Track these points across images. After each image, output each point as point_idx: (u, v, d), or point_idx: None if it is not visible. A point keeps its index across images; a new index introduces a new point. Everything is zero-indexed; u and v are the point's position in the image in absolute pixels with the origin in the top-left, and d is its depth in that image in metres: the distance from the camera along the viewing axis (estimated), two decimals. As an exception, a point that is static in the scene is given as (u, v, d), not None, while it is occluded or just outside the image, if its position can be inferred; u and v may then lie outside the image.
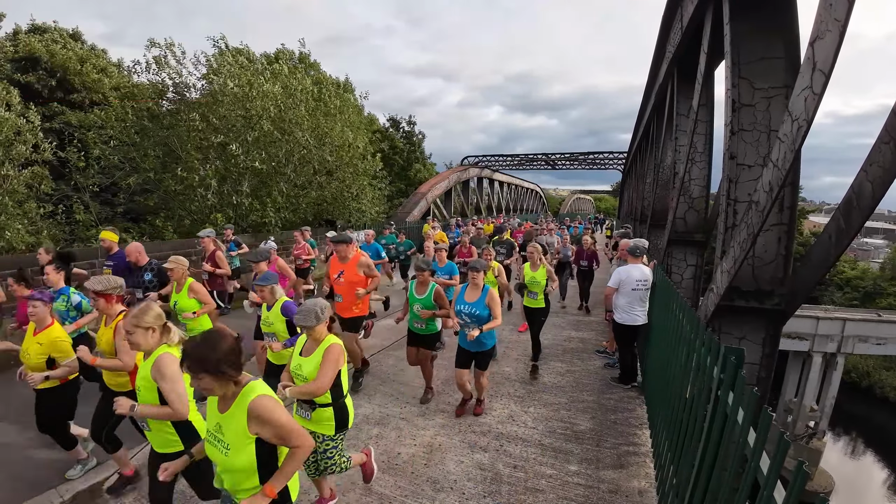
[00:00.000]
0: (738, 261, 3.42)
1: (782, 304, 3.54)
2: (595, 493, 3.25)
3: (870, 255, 40.31)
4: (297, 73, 13.71)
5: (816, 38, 2.58)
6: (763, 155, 3.80)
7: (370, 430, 4.10)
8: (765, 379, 3.66)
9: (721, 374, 1.97)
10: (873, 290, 27.09)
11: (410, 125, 30.91)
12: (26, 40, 15.87)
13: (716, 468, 1.88)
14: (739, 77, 3.94)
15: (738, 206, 3.91)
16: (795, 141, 2.81)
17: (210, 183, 11.06)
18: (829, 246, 2.85)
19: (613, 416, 4.47)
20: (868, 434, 20.32)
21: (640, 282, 4.89)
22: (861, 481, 17.20)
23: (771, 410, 1.50)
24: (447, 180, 24.07)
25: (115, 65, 18.35)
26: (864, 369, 23.48)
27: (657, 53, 10.21)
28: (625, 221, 20.77)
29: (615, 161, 35.18)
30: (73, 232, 12.36)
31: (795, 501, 1.19)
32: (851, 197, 2.58)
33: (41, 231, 10.37)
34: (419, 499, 3.17)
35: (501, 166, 37.76)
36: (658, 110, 11.89)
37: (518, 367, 5.74)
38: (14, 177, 9.38)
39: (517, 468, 3.56)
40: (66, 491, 3.27)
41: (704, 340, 2.34)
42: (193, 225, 11.67)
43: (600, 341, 6.74)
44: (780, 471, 1.34)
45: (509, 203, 37.15)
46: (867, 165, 2.44)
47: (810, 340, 16.14)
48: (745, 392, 1.66)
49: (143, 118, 11.81)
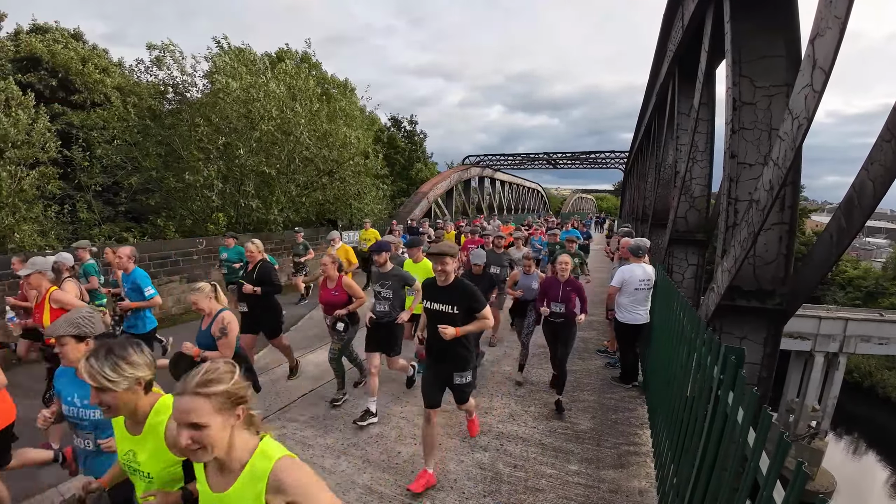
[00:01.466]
0: (739, 260, 3.41)
1: (783, 304, 3.53)
2: (595, 493, 3.24)
3: (872, 255, 40.21)
4: (301, 73, 13.70)
5: (817, 35, 2.57)
6: (764, 154, 3.79)
7: (370, 430, 4.10)
8: (766, 379, 3.65)
9: (721, 373, 1.96)
10: (875, 290, 27.00)
11: (412, 124, 30.90)
12: (28, 40, 15.88)
13: (716, 468, 1.88)
14: (740, 75, 3.93)
15: (739, 205, 3.90)
16: (796, 139, 2.80)
17: (214, 183, 11.07)
18: (831, 245, 2.84)
19: (614, 415, 4.47)
20: (870, 434, 20.25)
21: (643, 281, 4.88)
22: (863, 481, 17.14)
23: (771, 410, 1.49)
24: (449, 180, 24.06)
25: (117, 65, 18.37)
26: (867, 369, 23.40)
27: (658, 52, 10.19)
28: (626, 221, 20.74)
29: (617, 160, 35.17)
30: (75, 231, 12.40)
31: (795, 502, 1.19)
32: (853, 195, 2.57)
33: (49, 232, 10.43)
34: (419, 498, 3.17)
35: (503, 166, 37.76)
36: (659, 109, 11.87)
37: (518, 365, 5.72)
38: (24, 177, 9.46)
39: (517, 467, 3.55)
40: (67, 490, 3.28)
41: (705, 340, 2.33)
42: (195, 224, 11.70)
43: (601, 341, 6.73)
44: (779, 471, 1.33)
45: (511, 202, 37.11)
46: (868, 164, 2.43)
47: (812, 340, 16.10)
48: (745, 392, 1.65)
49: (144, 117, 11.83)
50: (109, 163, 12.06)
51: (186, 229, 11.75)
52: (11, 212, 9.16)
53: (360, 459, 3.61)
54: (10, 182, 9.18)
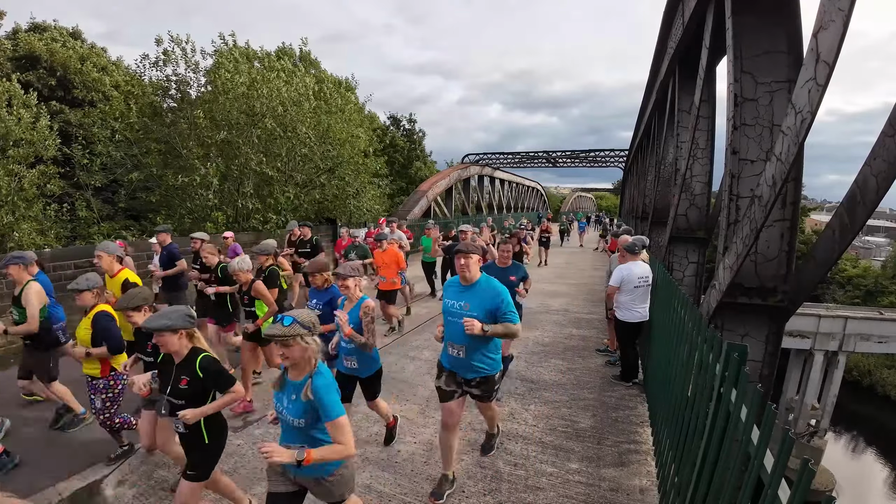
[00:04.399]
0: (741, 257, 3.39)
1: (785, 301, 3.51)
2: (596, 492, 3.22)
3: (871, 254, 40.23)
4: (299, 70, 13.65)
5: (820, 28, 2.54)
6: (766, 150, 3.77)
7: (370, 428, 4.08)
8: (768, 377, 3.64)
9: (724, 370, 1.94)
10: (875, 289, 27.00)
11: (411, 123, 30.90)
12: (26, 39, 15.86)
13: (718, 466, 1.86)
14: (742, 71, 3.90)
15: (741, 202, 3.88)
16: (799, 134, 2.78)
17: (211, 182, 11.02)
18: (833, 242, 2.82)
19: (614, 413, 4.45)
20: (869, 432, 20.27)
21: (642, 279, 4.86)
22: (862, 480, 17.15)
23: (774, 408, 1.47)
24: (448, 178, 24.01)
25: (115, 63, 18.32)
26: (866, 368, 23.43)
27: (658, 50, 10.16)
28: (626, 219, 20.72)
29: (616, 158, 35.17)
30: (74, 229, 12.39)
31: (801, 500, 1.17)
32: (855, 192, 2.55)
33: (48, 230, 10.43)
34: (419, 497, 3.15)
35: (502, 164, 37.74)
36: (659, 107, 11.84)
37: (518, 364, 5.71)
38: (24, 176, 9.46)
39: (517, 466, 3.53)
40: (65, 489, 3.25)
41: (707, 337, 2.31)
42: (194, 223, 11.66)
43: (602, 339, 6.71)
44: (784, 468, 1.31)
45: (510, 201, 37.08)
46: (871, 160, 2.41)
47: (812, 338, 16.09)
48: (748, 389, 1.63)
49: (145, 114, 11.78)
50: (109, 161, 12.02)
51: (185, 228, 11.72)
52: (11, 210, 9.15)
53: (360, 458, 3.59)
54: (10, 181, 9.17)
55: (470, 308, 2.91)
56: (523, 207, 41.34)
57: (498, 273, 4.14)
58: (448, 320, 3.03)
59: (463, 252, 2.95)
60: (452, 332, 2.98)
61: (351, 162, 13.93)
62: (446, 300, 3.09)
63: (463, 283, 3.02)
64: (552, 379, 5.29)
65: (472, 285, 2.99)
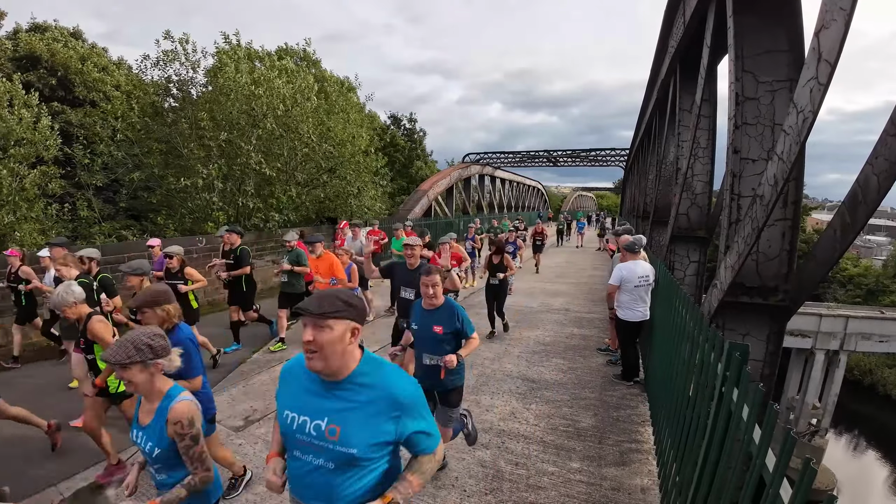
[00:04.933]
0: (742, 256, 3.39)
1: (787, 301, 3.50)
2: (597, 491, 3.22)
3: (872, 252, 40.19)
4: (301, 70, 13.65)
5: (822, 27, 2.54)
6: (767, 149, 3.76)
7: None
8: (769, 376, 3.63)
9: (725, 370, 1.94)
10: (876, 288, 27.00)
11: (411, 122, 30.89)
12: (27, 39, 15.86)
13: (720, 465, 1.86)
14: (743, 70, 3.89)
15: (742, 201, 3.87)
16: (801, 133, 2.77)
17: (214, 183, 11.01)
18: (834, 241, 2.81)
19: (616, 413, 4.45)
20: (870, 432, 20.27)
21: (643, 278, 4.86)
22: (863, 479, 17.15)
23: (776, 407, 1.47)
24: (449, 178, 24.00)
25: (116, 63, 18.33)
26: (867, 367, 23.43)
27: (659, 49, 10.13)
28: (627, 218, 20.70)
29: (617, 158, 35.11)
30: (75, 229, 12.41)
31: (803, 499, 1.16)
32: (857, 191, 2.54)
33: (50, 230, 10.44)
34: (419, 496, 3.15)
35: (503, 163, 37.68)
36: (660, 106, 11.82)
37: (520, 363, 5.72)
38: (25, 176, 9.48)
39: (519, 465, 3.53)
40: (67, 489, 3.26)
41: (708, 336, 2.31)
42: (195, 223, 11.66)
43: (602, 338, 6.71)
44: (786, 468, 1.31)
45: (511, 200, 37.07)
46: (873, 158, 2.40)
47: (813, 338, 16.09)
48: (749, 388, 1.63)
49: (146, 114, 11.78)
50: (110, 160, 12.03)
51: (186, 227, 11.73)
52: (12, 210, 9.17)
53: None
54: (12, 180, 9.19)
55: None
56: (524, 207, 41.33)
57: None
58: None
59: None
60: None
61: (352, 161, 13.92)
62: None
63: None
64: (553, 378, 5.30)
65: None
